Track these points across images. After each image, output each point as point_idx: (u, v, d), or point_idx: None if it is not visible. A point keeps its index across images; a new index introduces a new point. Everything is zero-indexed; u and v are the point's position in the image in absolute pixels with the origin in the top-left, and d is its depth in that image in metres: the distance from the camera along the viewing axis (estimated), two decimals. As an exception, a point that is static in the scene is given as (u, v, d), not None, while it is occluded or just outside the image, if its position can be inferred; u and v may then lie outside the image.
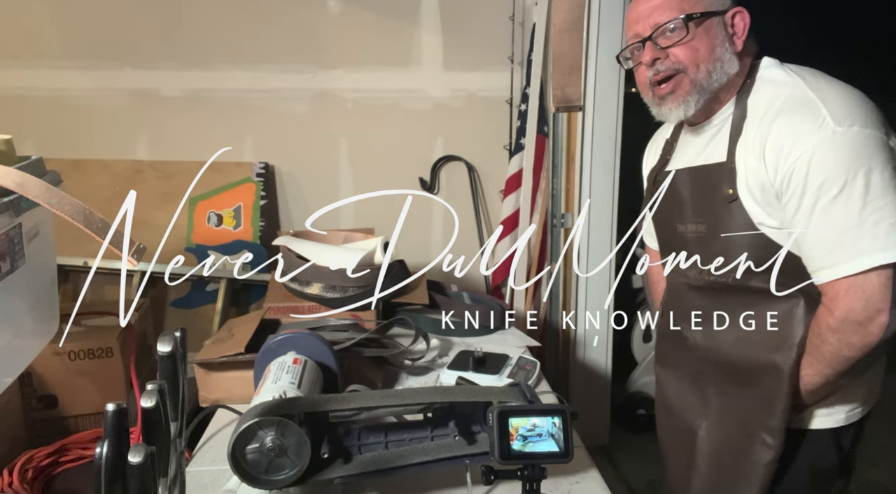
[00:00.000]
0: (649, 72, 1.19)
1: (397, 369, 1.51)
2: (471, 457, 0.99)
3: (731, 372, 1.24)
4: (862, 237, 1.03)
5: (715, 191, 1.19)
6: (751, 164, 1.13)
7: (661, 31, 1.16)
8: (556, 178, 2.50)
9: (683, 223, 1.28)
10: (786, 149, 1.07)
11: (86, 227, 0.86)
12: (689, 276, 1.29)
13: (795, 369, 1.14)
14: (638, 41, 1.19)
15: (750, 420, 1.19)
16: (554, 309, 2.58)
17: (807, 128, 1.06)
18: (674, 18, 1.14)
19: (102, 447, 0.63)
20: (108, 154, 2.46)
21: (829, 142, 1.04)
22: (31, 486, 1.21)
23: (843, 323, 1.06)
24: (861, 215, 1.02)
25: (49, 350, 1.35)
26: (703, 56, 1.15)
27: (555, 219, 2.52)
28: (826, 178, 1.04)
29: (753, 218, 1.14)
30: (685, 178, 1.27)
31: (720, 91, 1.17)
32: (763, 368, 1.17)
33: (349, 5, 2.45)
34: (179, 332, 0.82)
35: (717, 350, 1.26)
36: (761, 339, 1.18)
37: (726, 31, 1.16)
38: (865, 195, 1.02)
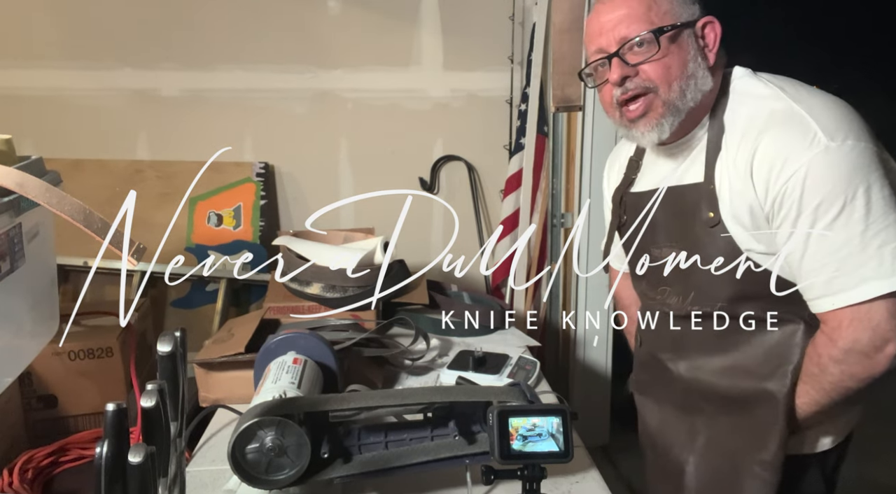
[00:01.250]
0: (616, 91, 1.08)
1: (397, 369, 1.51)
2: (471, 457, 0.99)
3: (719, 403, 1.15)
4: (866, 263, 0.95)
5: (694, 214, 1.09)
6: (736, 186, 1.04)
7: (629, 46, 1.05)
8: (556, 178, 2.50)
9: (658, 247, 1.18)
10: (776, 168, 0.99)
11: (86, 227, 0.86)
12: (669, 304, 1.19)
13: (791, 397, 1.06)
14: (603, 57, 1.08)
15: (741, 454, 1.11)
16: (554, 309, 2.58)
17: (797, 144, 0.97)
18: (643, 32, 1.03)
19: (102, 447, 0.62)
20: (108, 154, 2.46)
21: (824, 159, 0.96)
22: (31, 486, 1.21)
23: (848, 354, 0.98)
24: (863, 238, 0.95)
25: (49, 350, 1.35)
26: (675, 73, 1.04)
27: (555, 219, 2.52)
28: (823, 199, 0.96)
29: (740, 244, 1.05)
30: (659, 199, 1.16)
31: (694, 108, 1.07)
32: (755, 397, 1.09)
33: (349, 5, 2.45)
34: (179, 332, 0.82)
35: (703, 381, 1.17)
36: (752, 367, 1.10)
37: (697, 44, 1.06)
38: (867, 216, 0.94)
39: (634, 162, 1.26)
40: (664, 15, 1.04)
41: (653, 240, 1.19)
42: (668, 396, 1.25)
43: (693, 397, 1.20)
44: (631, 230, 1.23)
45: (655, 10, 1.04)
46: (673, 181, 1.14)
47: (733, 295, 1.08)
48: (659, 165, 1.19)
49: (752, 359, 1.10)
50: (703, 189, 1.08)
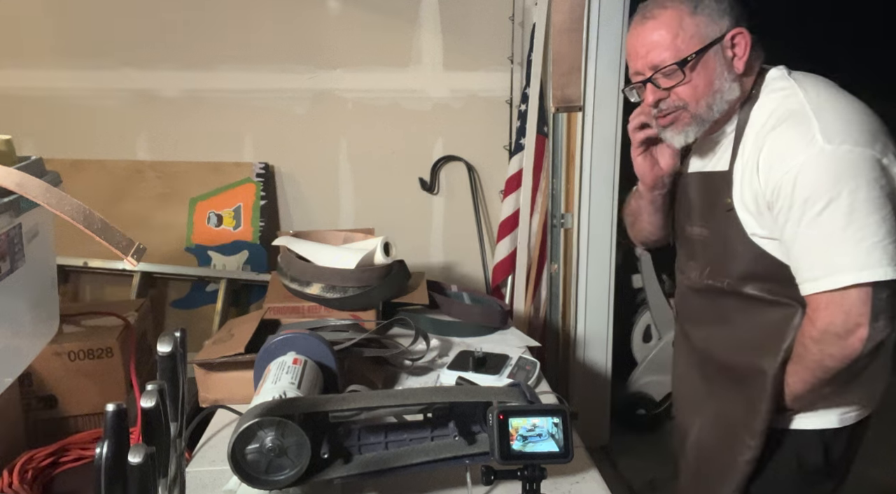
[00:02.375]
0: (653, 110, 1.22)
1: (397, 369, 1.51)
2: (471, 457, 0.99)
3: (724, 374, 1.27)
4: (843, 254, 1.05)
5: (717, 198, 1.21)
6: (746, 176, 1.15)
7: (659, 72, 1.16)
8: (555, 178, 2.50)
9: (691, 226, 1.31)
10: (776, 162, 1.09)
11: (85, 228, 0.86)
12: (691, 278, 1.32)
13: (780, 374, 1.15)
14: (639, 81, 1.21)
15: (735, 420, 1.22)
16: (554, 309, 2.58)
17: (796, 143, 1.07)
18: (668, 64, 1.15)
19: (102, 447, 0.63)
20: (108, 154, 2.46)
21: (816, 160, 1.05)
22: (31, 486, 1.21)
23: (824, 334, 1.08)
24: (844, 233, 1.04)
25: (49, 350, 1.35)
26: (702, 92, 1.16)
27: (555, 220, 2.52)
28: (811, 195, 1.05)
29: (746, 228, 1.16)
30: (694, 183, 1.30)
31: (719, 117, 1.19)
32: (750, 371, 1.19)
33: (349, 5, 2.45)
34: (179, 332, 0.82)
35: (713, 351, 1.29)
36: (752, 344, 1.20)
37: (725, 58, 1.16)
38: (849, 213, 1.03)
39: (688, 145, 1.36)
40: (690, 40, 1.14)
41: (688, 219, 1.32)
42: (689, 362, 1.37)
43: (708, 366, 1.31)
44: (676, 209, 1.38)
45: (682, 36, 1.14)
46: (708, 167, 1.27)
47: (740, 273, 1.19)
48: (700, 152, 1.31)
49: (751, 335, 1.20)
50: (725, 177, 1.19)
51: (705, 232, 1.27)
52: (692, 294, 1.34)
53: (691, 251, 1.33)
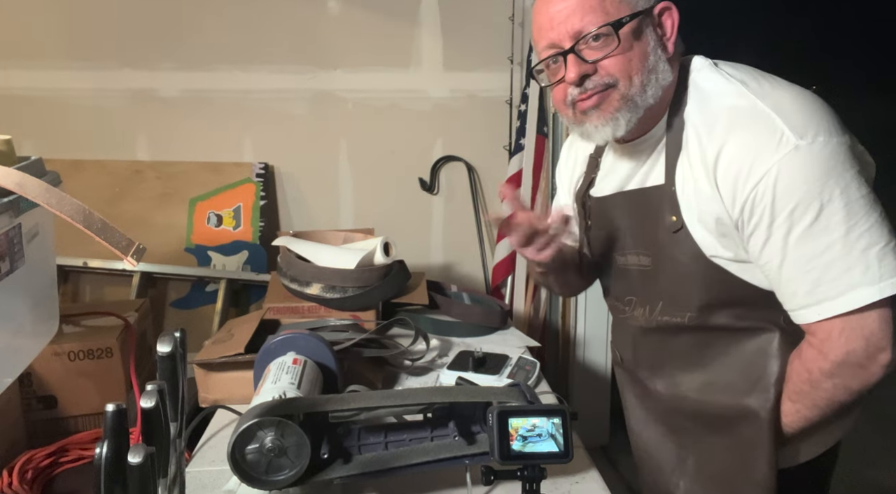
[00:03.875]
0: (574, 90, 0.98)
1: (397, 369, 1.51)
2: (471, 458, 0.99)
3: (703, 421, 1.08)
4: (852, 267, 0.87)
5: (657, 218, 1.02)
6: (702, 189, 0.96)
7: (585, 40, 0.95)
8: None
9: (623, 255, 1.12)
10: (743, 173, 0.91)
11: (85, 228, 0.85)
12: (636, 317, 1.12)
13: (775, 412, 0.99)
14: (556, 53, 0.98)
15: (731, 475, 1.04)
16: (554, 309, 2.58)
17: (764, 145, 0.89)
18: (601, 25, 0.93)
19: (102, 447, 0.62)
20: (108, 154, 2.46)
21: (794, 160, 0.87)
22: (31, 487, 1.21)
23: (842, 367, 0.91)
24: (846, 241, 0.87)
25: (49, 350, 1.35)
26: (636, 66, 0.95)
27: (554, 220, 2.51)
28: (798, 202, 0.88)
29: (705, 249, 0.98)
30: (620, 204, 1.09)
31: (653, 104, 0.98)
32: (737, 414, 1.02)
33: (349, 6, 2.45)
34: (179, 333, 0.82)
35: (685, 398, 1.10)
36: (730, 381, 1.03)
37: (656, 34, 0.97)
38: (847, 217, 0.87)
39: (594, 159, 1.17)
40: (620, 4, 0.94)
41: (617, 247, 1.13)
42: (653, 416, 1.18)
43: (677, 416, 1.13)
44: (596, 237, 1.17)
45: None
46: (635, 183, 1.07)
47: (703, 302, 1.01)
48: (620, 165, 1.10)
49: (729, 373, 1.04)
50: (664, 192, 1.01)
51: (645, 260, 1.06)
52: (643, 336, 1.12)
53: (628, 285, 1.12)
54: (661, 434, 1.17)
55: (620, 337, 1.23)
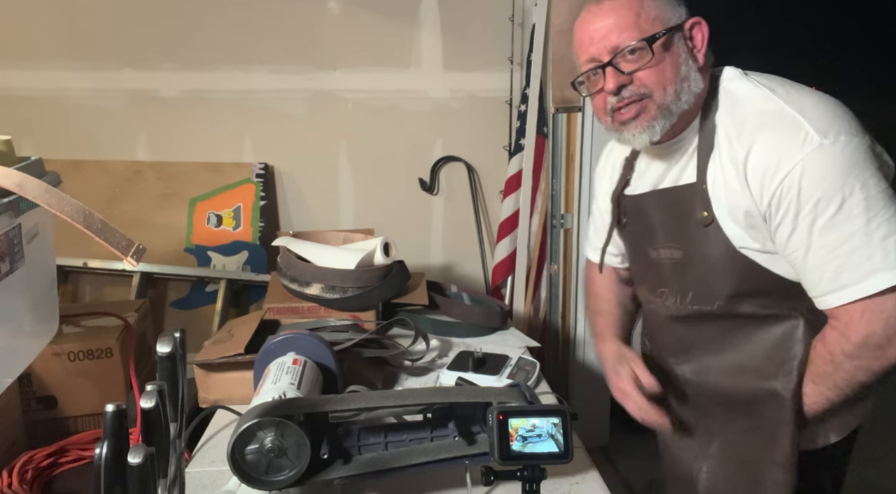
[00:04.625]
0: (612, 99, 1.08)
1: (397, 370, 1.51)
2: (470, 458, 0.99)
3: (728, 406, 1.16)
4: (872, 254, 0.95)
5: (689, 214, 1.11)
6: (732, 186, 1.05)
7: (622, 54, 1.06)
8: (555, 179, 2.50)
9: (656, 249, 1.20)
10: (770, 169, 1.00)
11: (85, 228, 0.85)
12: (668, 307, 1.20)
13: (798, 395, 1.07)
14: (596, 66, 1.08)
15: (754, 457, 1.11)
16: (554, 310, 2.58)
17: (790, 144, 0.98)
18: (635, 41, 1.04)
19: (102, 448, 0.62)
20: (108, 155, 2.46)
21: (818, 158, 0.96)
22: (31, 487, 1.21)
23: (862, 348, 0.98)
24: (867, 230, 0.95)
25: (48, 350, 1.35)
26: (669, 78, 1.06)
27: (554, 220, 2.52)
28: (822, 195, 0.97)
29: (735, 241, 1.07)
30: (654, 201, 1.19)
31: (685, 110, 1.09)
32: (762, 397, 1.10)
33: (349, 6, 2.45)
34: (179, 333, 0.82)
35: (710, 384, 1.18)
36: (756, 366, 1.11)
37: (687, 47, 1.08)
38: (867, 209, 0.95)
39: (629, 162, 1.26)
40: (653, 21, 1.05)
41: (651, 241, 1.20)
42: (678, 402, 1.24)
43: (703, 401, 1.20)
44: (630, 233, 1.26)
45: (644, 16, 1.05)
46: (669, 182, 1.16)
47: (731, 292, 1.09)
48: (654, 166, 1.20)
49: (755, 358, 1.11)
50: (696, 189, 1.09)
51: (677, 253, 1.15)
52: (674, 324, 1.21)
53: (661, 277, 1.20)
54: (686, 420, 1.23)
55: (649, 326, 1.31)
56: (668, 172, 1.16)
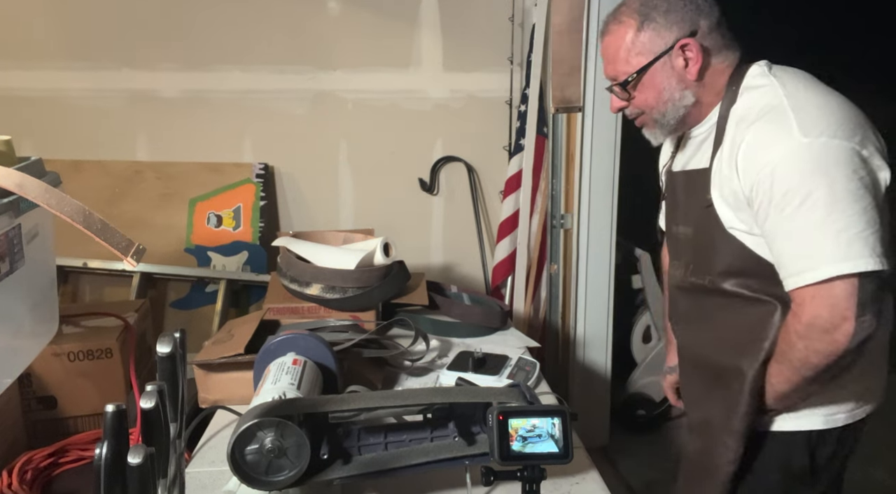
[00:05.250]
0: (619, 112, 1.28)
1: (397, 370, 1.51)
2: (470, 458, 0.99)
3: (707, 374, 1.27)
4: (825, 246, 1.04)
5: (698, 196, 1.22)
6: (727, 170, 1.14)
7: (615, 85, 1.23)
8: (555, 179, 2.50)
9: (676, 224, 1.33)
10: (753, 158, 1.09)
11: (85, 228, 0.86)
12: (676, 277, 1.34)
13: (759, 374, 1.15)
14: (608, 86, 1.26)
15: (716, 421, 1.21)
16: (554, 310, 2.58)
17: (773, 138, 1.07)
18: (617, 82, 1.21)
19: (102, 448, 0.62)
20: (108, 155, 2.46)
21: (794, 153, 1.04)
22: (31, 487, 1.21)
23: (810, 329, 1.06)
24: (824, 224, 1.03)
25: (48, 351, 1.35)
26: (652, 103, 1.21)
27: (554, 220, 2.52)
28: (790, 188, 1.05)
29: (725, 222, 1.16)
30: (680, 181, 1.31)
31: (700, 103, 1.21)
32: (731, 372, 1.19)
33: (349, 6, 2.45)
34: (179, 333, 0.82)
35: (696, 350, 1.31)
36: (732, 343, 1.20)
37: (674, 68, 1.18)
38: (830, 205, 1.02)
39: (678, 139, 1.37)
40: (637, 57, 1.18)
41: (674, 217, 1.34)
42: (683, 362, 1.38)
43: (694, 366, 1.33)
44: (667, 206, 1.39)
45: (633, 51, 1.18)
46: (692, 164, 1.28)
47: (721, 269, 1.19)
48: (687, 148, 1.31)
49: (731, 334, 1.20)
50: (705, 174, 1.20)
51: (689, 230, 1.27)
52: (679, 293, 1.34)
53: (676, 249, 1.34)
54: (687, 377, 1.37)
55: (668, 295, 1.45)
56: (694, 155, 1.28)
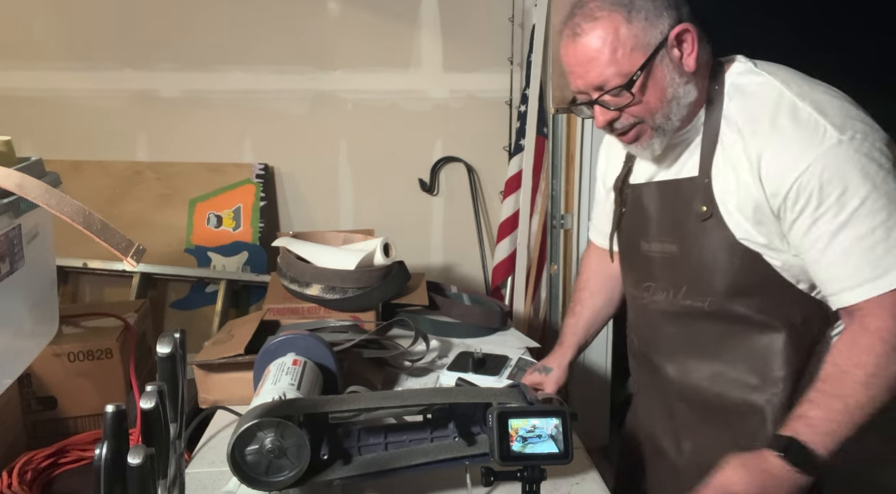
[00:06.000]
0: (606, 129, 1.10)
1: (397, 370, 1.51)
2: (470, 459, 0.99)
3: (705, 413, 1.14)
4: (892, 250, 0.94)
5: (687, 208, 1.10)
6: (744, 179, 1.03)
7: (606, 93, 1.04)
8: (555, 179, 2.50)
9: (648, 242, 1.18)
10: (788, 164, 0.98)
11: (85, 229, 0.85)
12: (658, 301, 1.18)
13: (782, 412, 1.03)
14: (585, 101, 1.08)
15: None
16: (554, 310, 2.58)
17: (808, 140, 0.97)
18: (614, 86, 1.02)
19: (102, 448, 0.62)
20: (108, 155, 2.46)
21: (838, 153, 0.96)
22: (31, 488, 1.21)
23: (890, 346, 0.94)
24: (887, 226, 0.94)
25: (48, 351, 1.35)
26: (656, 106, 1.04)
27: (554, 221, 2.52)
28: (844, 189, 0.95)
29: (737, 233, 1.05)
30: (652, 193, 1.17)
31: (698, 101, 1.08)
32: (743, 410, 1.08)
33: (349, 7, 2.45)
34: (179, 333, 0.82)
35: (692, 386, 1.16)
36: (740, 376, 1.09)
37: (672, 61, 1.03)
38: (888, 205, 0.94)
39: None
40: (632, 53, 1.01)
41: (644, 234, 1.19)
42: (659, 399, 1.24)
43: (679, 403, 1.19)
44: (627, 224, 1.23)
45: (622, 50, 1.01)
46: (669, 174, 1.14)
47: (727, 287, 1.07)
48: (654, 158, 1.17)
49: (737, 366, 1.10)
50: (697, 183, 1.08)
51: (672, 247, 1.13)
52: (664, 320, 1.18)
53: (648, 272, 1.18)
54: (661, 417, 1.23)
55: (637, 322, 1.29)
56: (670, 165, 1.14)
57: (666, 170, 1.15)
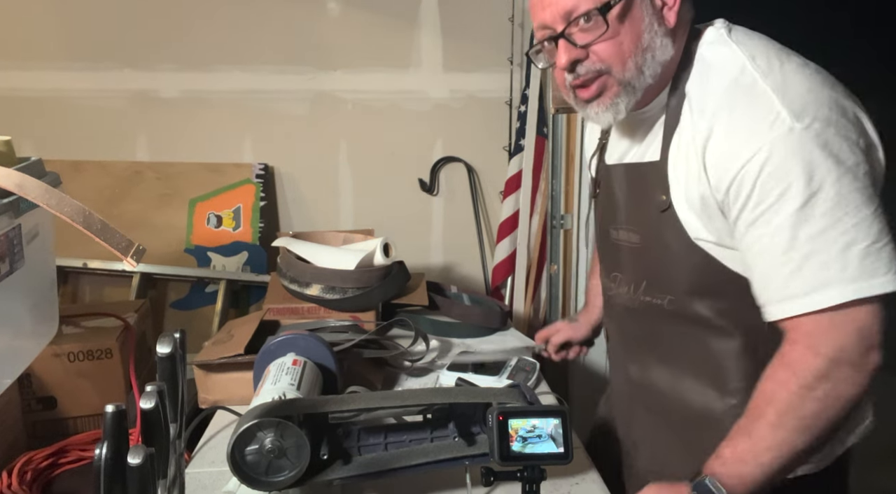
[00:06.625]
0: (568, 76, 0.95)
1: (397, 370, 1.51)
2: (470, 459, 0.98)
3: (662, 419, 1.07)
4: (829, 264, 0.82)
5: (648, 196, 0.98)
6: (692, 168, 0.91)
7: (576, 22, 0.91)
8: (555, 179, 2.50)
9: (616, 228, 1.08)
10: (733, 150, 0.86)
11: (85, 229, 0.85)
12: (621, 295, 1.08)
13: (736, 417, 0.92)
14: (548, 36, 0.95)
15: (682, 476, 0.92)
16: (554, 310, 2.58)
17: (757, 125, 0.84)
18: (586, 9, 0.89)
19: (101, 448, 0.62)
20: (108, 155, 2.46)
21: (787, 142, 0.82)
22: (30, 488, 1.21)
23: (835, 365, 0.82)
24: (830, 235, 0.81)
25: (48, 351, 1.35)
26: (629, 49, 0.91)
27: (554, 221, 2.52)
28: (788, 186, 0.82)
29: (689, 231, 0.94)
30: (619, 176, 1.06)
31: (669, 66, 0.95)
32: (702, 418, 1.00)
33: (349, 6, 2.45)
34: (179, 333, 0.82)
35: (651, 388, 1.07)
36: (700, 382, 1.00)
37: (653, 7, 0.92)
38: (835, 209, 0.81)
39: (604, 129, 1.15)
40: None
41: (612, 220, 1.09)
42: (623, 395, 1.19)
43: (637, 404, 1.13)
44: (599, 207, 1.14)
45: None
46: (636, 156, 1.03)
47: (684, 287, 0.98)
48: (623, 136, 1.07)
49: (694, 372, 1.01)
50: (658, 168, 0.97)
51: (635, 237, 1.03)
52: (626, 316, 1.09)
53: (616, 261, 1.09)
54: (623, 415, 1.20)
55: (608, 314, 1.23)
56: (636, 145, 1.03)
57: (634, 150, 1.04)
